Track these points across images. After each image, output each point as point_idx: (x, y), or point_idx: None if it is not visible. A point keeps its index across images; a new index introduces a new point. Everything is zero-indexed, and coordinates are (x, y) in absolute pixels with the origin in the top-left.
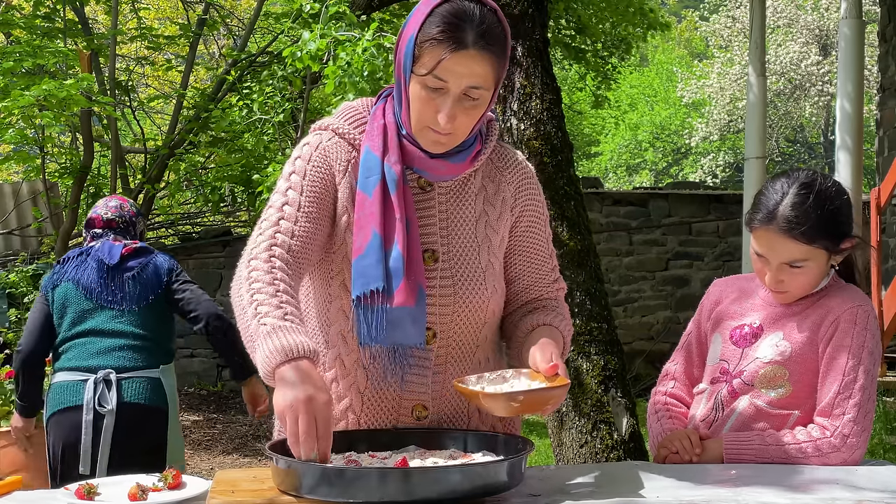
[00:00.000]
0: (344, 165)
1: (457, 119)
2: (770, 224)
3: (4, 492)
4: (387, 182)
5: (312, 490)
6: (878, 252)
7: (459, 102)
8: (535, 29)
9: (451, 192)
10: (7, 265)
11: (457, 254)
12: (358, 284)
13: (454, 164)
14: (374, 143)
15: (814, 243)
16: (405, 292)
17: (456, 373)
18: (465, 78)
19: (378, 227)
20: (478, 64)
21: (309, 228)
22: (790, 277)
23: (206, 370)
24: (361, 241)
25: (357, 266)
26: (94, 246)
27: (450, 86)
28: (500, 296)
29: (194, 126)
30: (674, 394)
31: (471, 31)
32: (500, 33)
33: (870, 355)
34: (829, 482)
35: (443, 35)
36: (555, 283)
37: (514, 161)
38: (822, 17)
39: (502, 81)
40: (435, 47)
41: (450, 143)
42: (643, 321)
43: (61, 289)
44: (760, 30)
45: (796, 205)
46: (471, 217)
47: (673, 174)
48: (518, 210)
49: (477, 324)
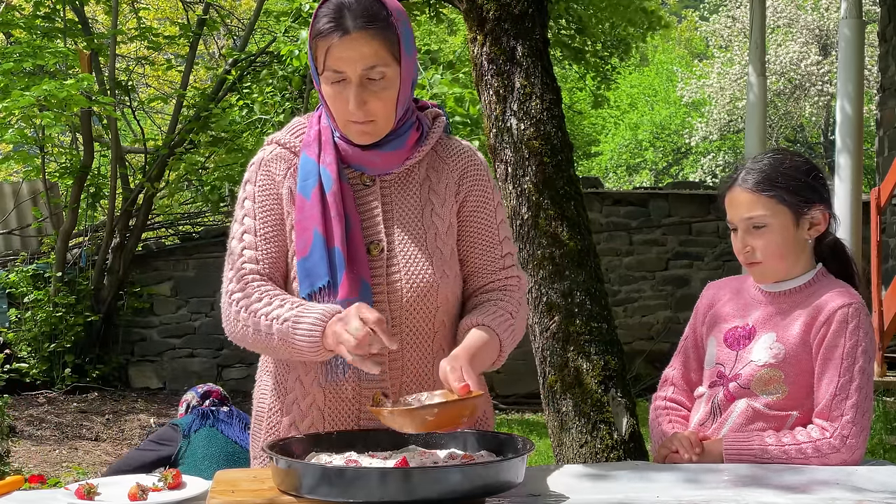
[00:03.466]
0: (284, 172)
1: (368, 104)
2: (734, 185)
3: (4, 492)
4: (323, 183)
5: (312, 490)
6: (878, 252)
7: (364, 87)
8: (535, 29)
9: (394, 185)
10: (7, 265)
11: (402, 243)
12: (305, 284)
13: (388, 152)
14: (311, 148)
15: (772, 195)
16: (347, 286)
17: (414, 360)
18: (357, 62)
19: (319, 226)
20: (364, 45)
21: (270, 249)
22: (756, 240)
23: (206, 370)
24: (305, 243)
25: (302, 267)
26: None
27: (347, 74)
28: (452, 281)
29: (194, 126)
30: (673, 399)
31: (349, 15)
32: (380, 10)
33: (864, 354)
34: (829, 482)
35: (325, 28)
36: (504, 271)
37: (458, 150)
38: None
39: (410, 56)
40: (322, 42)
41: (375, 130)
42: (643, 321)
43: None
44: (760, 30)
45: (756, 162)
46: (415, 206)
47: (673, 174)
48: (462, 195)
49: (429, 310)
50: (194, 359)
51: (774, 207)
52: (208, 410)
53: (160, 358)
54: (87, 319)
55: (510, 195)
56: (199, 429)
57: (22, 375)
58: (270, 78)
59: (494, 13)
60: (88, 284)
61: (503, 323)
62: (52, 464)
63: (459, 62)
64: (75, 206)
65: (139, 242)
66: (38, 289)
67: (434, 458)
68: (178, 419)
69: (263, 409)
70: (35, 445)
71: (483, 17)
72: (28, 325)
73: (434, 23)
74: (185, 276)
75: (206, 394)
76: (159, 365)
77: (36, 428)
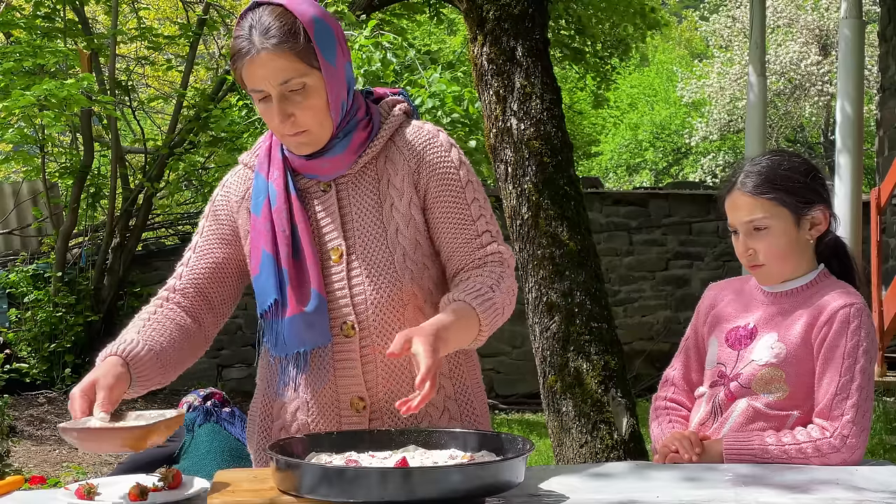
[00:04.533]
0: (241, 195)
1: (294, 116)
2: (733, 188)
3: (5, 491)
4: (270, 199)
5: (312, 490)
6: (879, 252)
7: (287, 100)
8: (535, 29)
9: (350, 186)
10: (7, 265)
11: (363, 244)
12: (259, 302)
13: (333, 157)
14: (262, 165)
15: (772, 197)
16: (293, 301)
17: (387, 360)
18: (269, 79)
19: (268, 245)
20: (272, 61)
21: (198, 266)
22: (757, 243)
23: (205, 370)
24: (256, 262)
25: (256, 285)
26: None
27: (266, 90)
28: (420, 273)
29: (194, 126)
30: (674, 399)
31: (255, 34)
32: (281, 24)
33: (865, 354)
34: (830, 482)
35: (237, 49)
36: (482, 250)
37: (415, 135)
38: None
39: (333, 60)
40: (238, 63)
41: (311, 140)
42: (643, 321)
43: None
44: (760, 30)
45: (755, 164)
46: (373, 204)
47: (673, 174)
48: (423, 183)
49: (396, 307)
50: None
51: (775, 210)
52: (211, 408)
53: None
54: (87, 319)
55: (510, 195)
56: (203, 423)
57: (22, 375)
58: None
59: (494, 13)
60: (88, 284)
61: (480, 296)
62: (52, 464)
63: (459, 62)
64: (75, 206)
65: (139, 242)
66: (38, 289)
67: (434, 458)
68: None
69: (256, 411)
70: (35, 445)
71: (483, 18)
72: (28, 325)
73: (434, 23)
74: None
75: (207, 396)
76: None
77: (36, 428)
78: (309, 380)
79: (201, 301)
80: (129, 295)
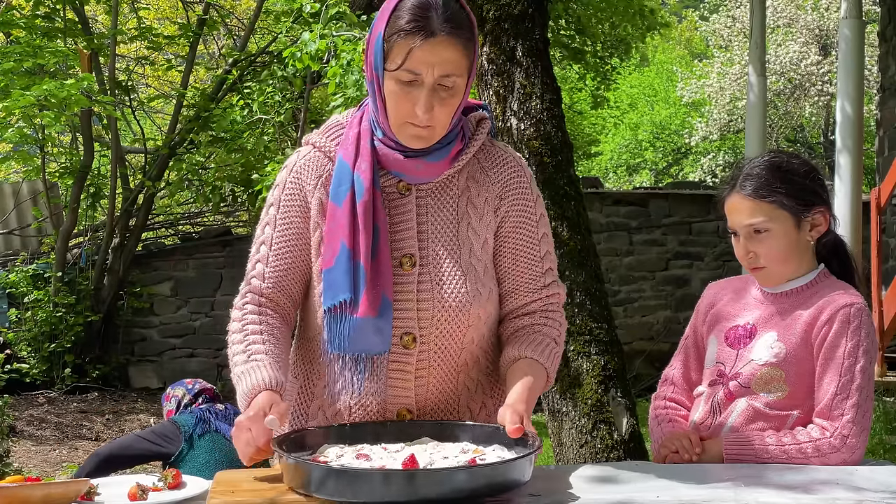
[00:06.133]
0: (315, 181)
1: (434, 110)
2: (733, 191)
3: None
4: (355, 191)
5: (320, 488)
6: (879, 252)
7: (435, 93)
8: (535, 29)
9: (430, 195)
10: (7, 265)
11: (436, 257)
12: (328, 296)
13: (431, 163)
14: (347, 151)
15: (771, 200)
16: (366, 303)
17: (439, 376)
18: (436, 66)
19: (347, 238)
20: (447, 50)
21: (279, 266)
22: (758, 246)
23: (205, 370)
24: (331, 253)
25: (326, 277)
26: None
27: (423, 77)
28: (485, 299)
29: (194, 126)
30: (673, 398)
31: (437, 18)
32: (465, 18)
33: (865, 354)
34: (830, 482)
35: (410, 26)
36: (546, 289)
37: (502, 160)
38: (822, 17)
39: (475, 73)
40: (404, 39)
41: (430, 136)
42: (643, 321)
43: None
44: (760, 30)
45: (754, 167)
46: (451, 219)
47: (673, 174)
48: (503, 211)
49: (459, 328)
50: (194, 359)
51: (775, 213)
52: (207, 415)
53: (160, 358)
54: (87, 319)
55: None
56: (203, 434)
57: (22, 375)
58: (271, 78)
59: (494, 13)
60: (88, 284)
61: (551, 354)
62: (52, 464)
63: None
64: (75, 206)
65: (139, 242)
66: (38, 289)
67: (445, 452)
68: (177, 417)
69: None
70: (35, 445)
71: (483, 18)
72: (28, 325)
73: None
74: (185, 276)
75: (198, 392)
76: (159, 365)
77: (36, 428)
78: (345, 385)
79: (288, 302)
80: (129, 295)
